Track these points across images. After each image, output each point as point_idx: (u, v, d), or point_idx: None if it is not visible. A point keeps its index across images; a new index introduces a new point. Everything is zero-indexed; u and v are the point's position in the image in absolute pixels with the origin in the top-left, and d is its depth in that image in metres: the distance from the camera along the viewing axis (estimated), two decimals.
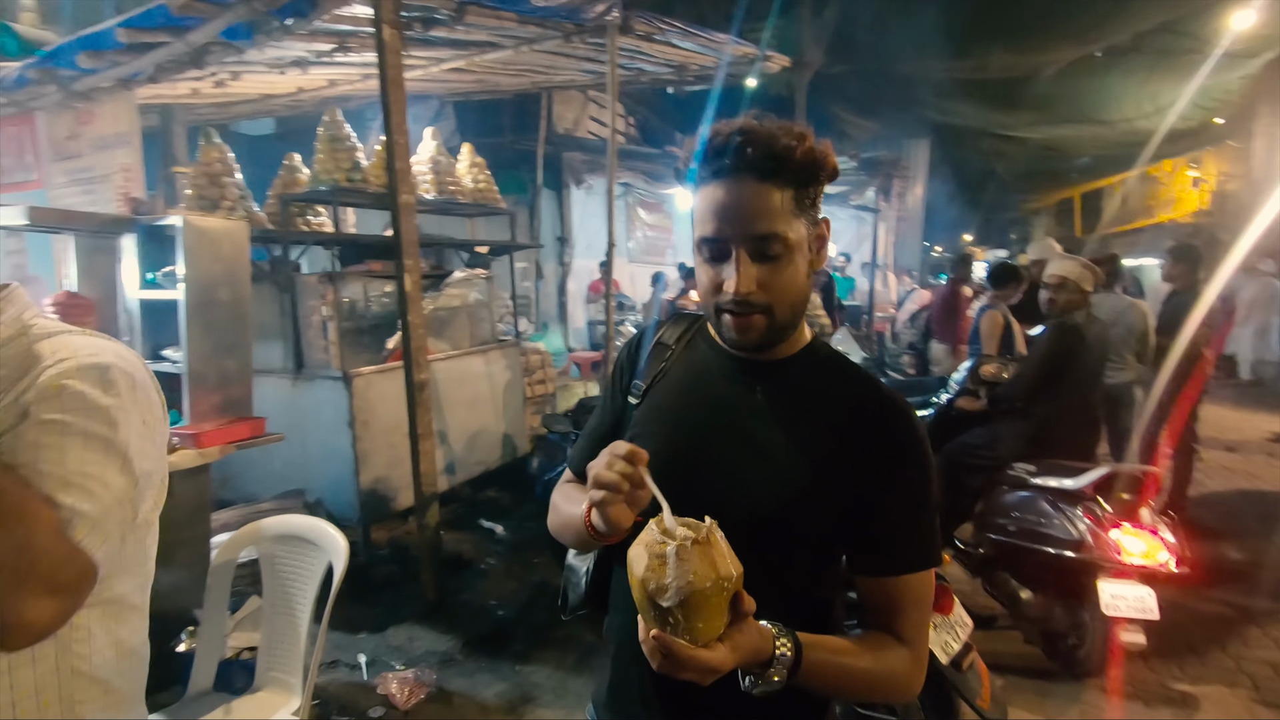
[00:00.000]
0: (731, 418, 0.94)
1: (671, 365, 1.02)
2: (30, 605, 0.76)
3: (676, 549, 0.69)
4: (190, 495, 2.56)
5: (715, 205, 0.86)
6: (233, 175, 3.58)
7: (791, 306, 0.89)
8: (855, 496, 0.87)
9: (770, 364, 0.95)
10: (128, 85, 3.40)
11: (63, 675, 0.91)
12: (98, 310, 2.61)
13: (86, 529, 0.82)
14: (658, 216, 11.06)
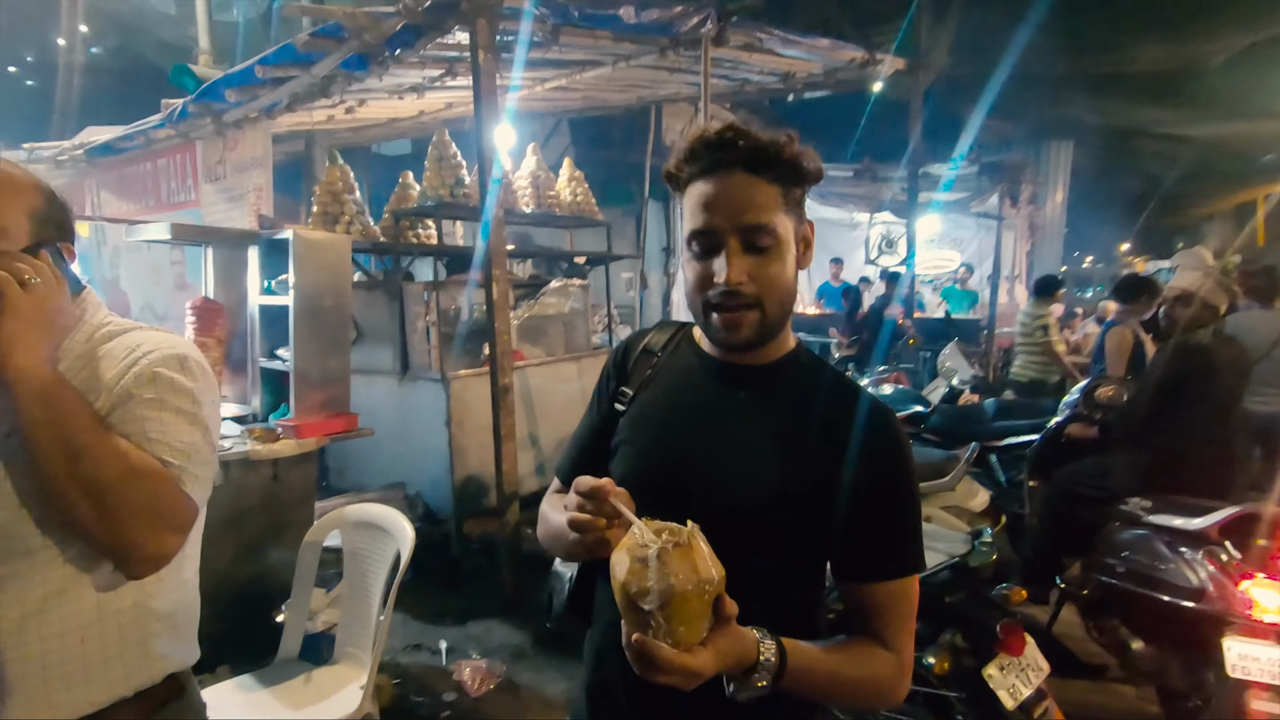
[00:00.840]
0: (716, 422, 0.94)
1: (658, 372, 1.03)
2: (162, 539, 0.97)
3: (658, 552, 0.69)
4: (297, 481, 2.84)
5: (706, 198, 0.87)
6: (352, 192, 3.94)
7: (781, 302, 0.89)
8: (838, 501, 0.87)
9: (755, 369, 0.95)
10: (269, 115, 3.84)
11: (139, 611, 1.05)
12: (228, 314, 2.96)
13: (190, 482, 1.01)
14: None
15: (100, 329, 1.07)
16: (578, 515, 0.79)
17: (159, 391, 1.01)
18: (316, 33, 3.07)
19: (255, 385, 2.95)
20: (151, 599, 1.06)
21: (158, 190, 4.28)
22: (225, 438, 2.63)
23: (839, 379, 0.97)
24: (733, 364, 0.96)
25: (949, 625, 2.01)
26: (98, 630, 1.01)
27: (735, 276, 0.85)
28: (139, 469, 0.94)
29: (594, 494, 0.79)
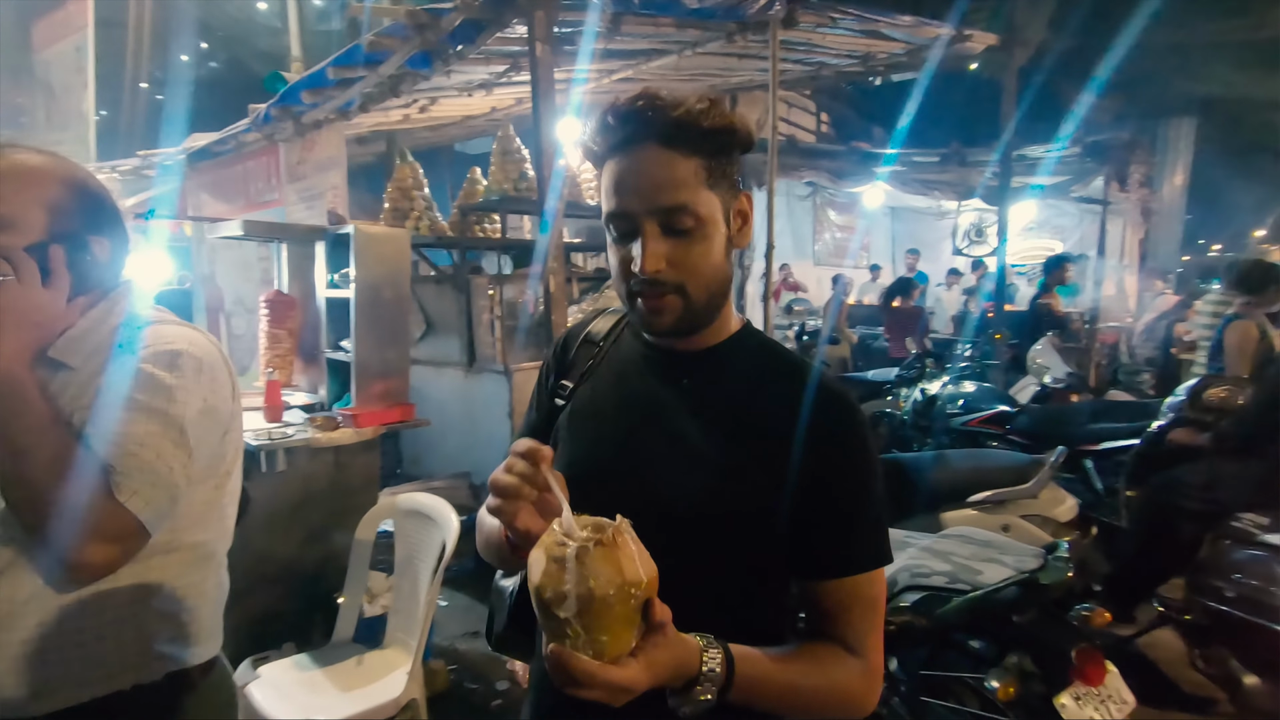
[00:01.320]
0: (657, 413, 0.88)
1: (599, 363, 0.97)
2: (83, 549, 0.91)
3: (576, 551, 0.62)
4: (359, 468, 2.94)
5: (618, 178, 0.80)
6: (421, 189, 4.05)
7: (707, 286, 0.82)
8: (792, 493, 0.81)
9: (696, 354, 0.89)
10: (345, 116, 4.00)
11: (137, 609, 1.05)
12: (300, 306, 3.10)
13: (130, 492, 0.93)
14: (847, 217, 10.51)
15: (127, 322, 1.09)
16: (502, 477, 0.72)
17: (136, 388, 0.99)
18: (381, 32, 3.15)
19: (323, 375, 3.07)
20: (150, 598, 1.06)
21: (247, 190, 4.56)
22: (289, 425, 2.75)
23: (789, 361, 0.90)
24: (673, 351, 0.89)
25: (1016, 647, 1.83)
26: (94, 624, 1.02)
27: (650, 265, 0.79)
28: (73, 476, 0.90)
29: (530, 455, 0.72)
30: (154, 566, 1.07)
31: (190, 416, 1.02)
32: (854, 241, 10.70)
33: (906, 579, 1.99)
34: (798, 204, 9.97)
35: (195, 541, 1.12)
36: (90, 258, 1.04)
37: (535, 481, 0.72)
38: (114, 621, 1.04)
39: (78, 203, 1.02)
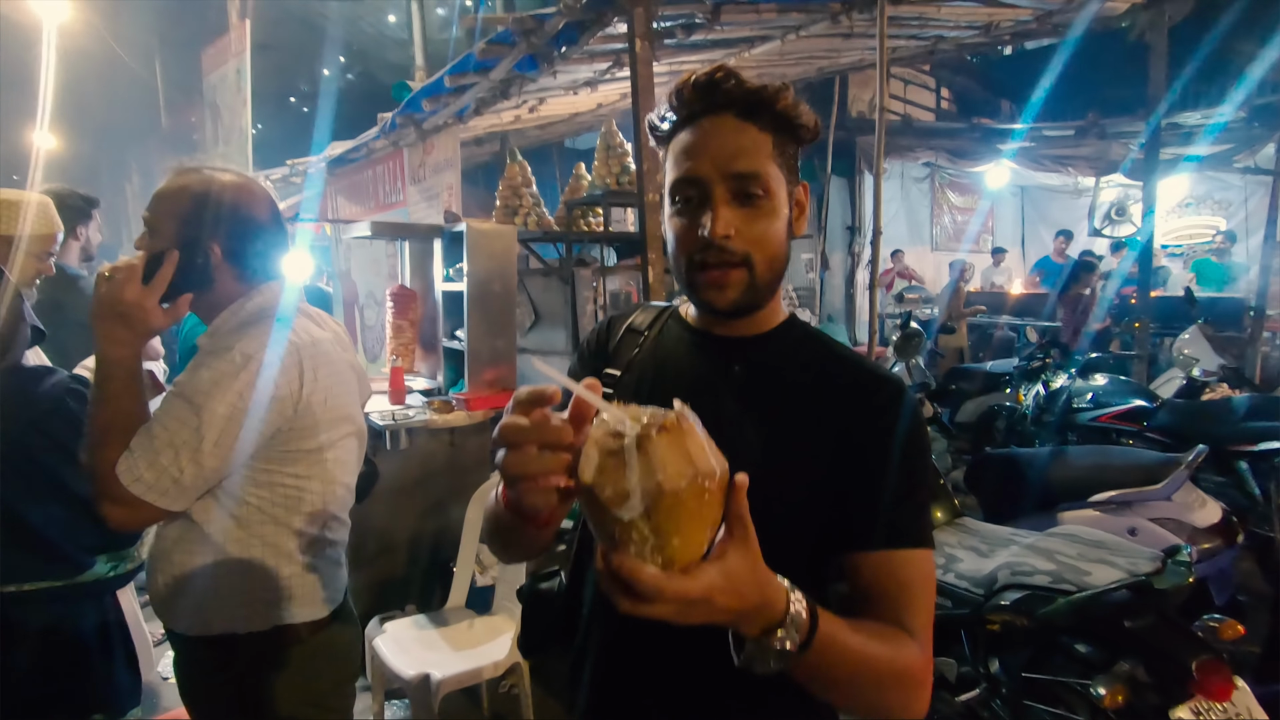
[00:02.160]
0: (707, 397, 0.84)
1: (644, 352, 0.95)
2: (100, 506, 1.14)
3: (638, 439, 0.53)
4: (472, 449, 3.17)
5: (690, 144, 0.81)
6: (530, 186, 4.25)
7: (771, 262, 0.82)
8: (843, 474, 0.81)
9: (746, 340, 0.89)
10: (461, 120, 4.26)
11: (249, 567, 1.23)
12: (421, 299, 3.37)
13: (126, 468, 1.11)
14: (968, 198, 9.89)
15: (254, 316, 1.25)
16: (508, 420, 0.58)
17: (187, 378, 1.16)
18: (491, 40, 3.34)
19: (440, 362, 3.32)
20: (241, 559, 1.23)
21: (376, 193, 4.97)
22: (410, 407, 3.01)
23: (839, 348, 0.90)
24: (722, 336, 0.89)
25: (1128, 654, 1.73)
26: (212, 574, 1.22)
27: (721, 229, 0.78)
28: (110, 444, 1.12)
29: (537, 399, 0.58)
30: (233, 534, 1.24)
31: (220, 413, 1.14)
32: (975, 224, 10.05)
33: (1007, 576, 1.92)
34: (914, 186, 9.51)
35: (264, 517, 1.24)
36: (205, 259, 1.21)
37: (544, 432, 0.57)
38: (221, 574, 1.23)
39: (198, 212, 1.20)
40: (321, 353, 1.27)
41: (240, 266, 1.26)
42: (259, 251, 1.28)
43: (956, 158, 8.09)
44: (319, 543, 1.31)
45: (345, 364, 1.35)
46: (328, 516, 1.32)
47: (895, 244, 8.83)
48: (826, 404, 0.84)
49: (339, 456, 1.32)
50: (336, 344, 1.35)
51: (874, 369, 0.87)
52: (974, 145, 7.96)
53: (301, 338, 1.26)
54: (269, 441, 1.22)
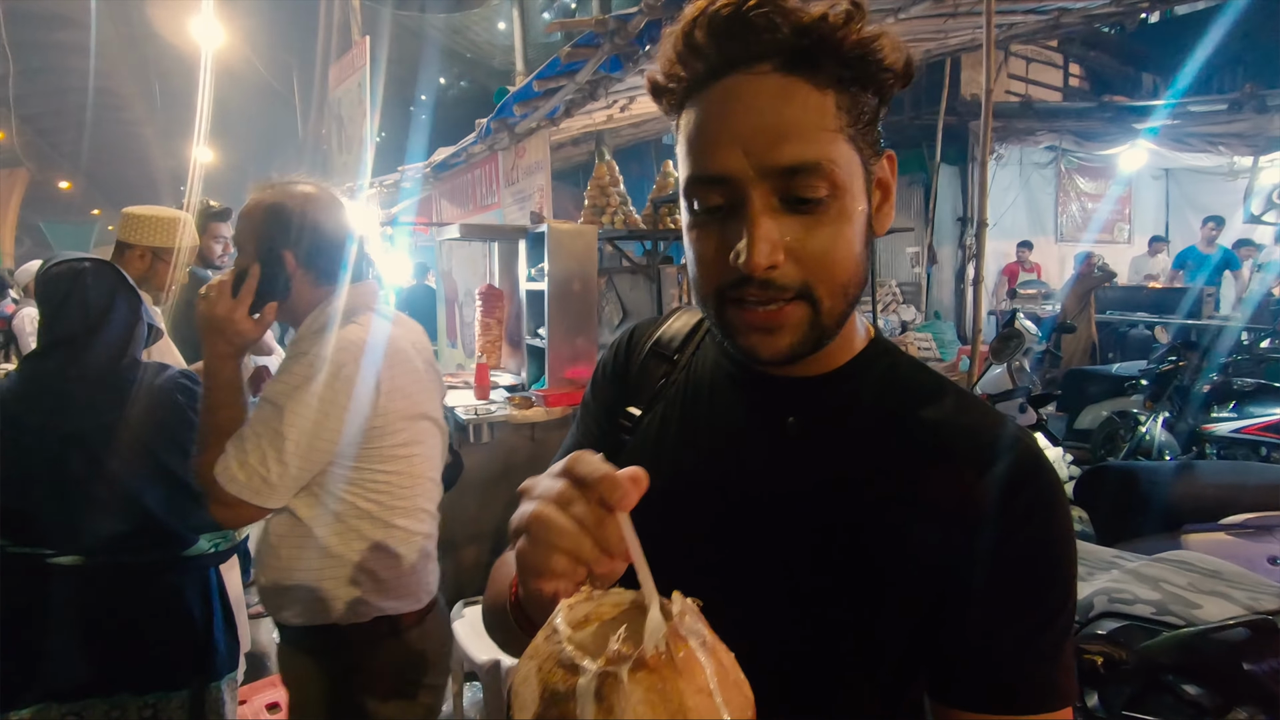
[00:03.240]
0: (747, 464, 0.63)
1: (673, 386, 0.71)
2: (211, 508, 1.22)
3: (598, 684, 0.34)
4: (554, 443, 3.26)
5: (711, 122, 0.55)
6: (617, 185, 4.30)
7: (844, 288, 0.57)
8: (943, 589, 0.57)
9: (808, 383, 0.63)
10: (552, 122, 4.37)
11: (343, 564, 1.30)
12: (507, 298, 3.49)
13: (222, 468, 1.18)
14: (1099, 184, 9.03)
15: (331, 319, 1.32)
16: (551, 513, 0.43)
17: (273, 383, 1.23)
18: (576, 43, 3.41)
19: (525, 359, 3.44)
20: (364, 555, 1.30)
21: (474, 196, 5.20)
22: (494, 403, 3.14)
23: (943, 391, 0.63)
24: (778, 378, 0.64)
25: (1245, 699, 1.52)
26: (316, 569, 1.30)
27: (764, 257, 0.53)
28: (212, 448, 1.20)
29: (605, 487, 0.43)
30: (333, 529, 1.31)
31: (301, 414, 1.20)
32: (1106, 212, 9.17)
33: (1104, 604, 1.74)
34: (1035, 173, 8.80)
35: (359, 513, 1.31)
36: (280, 267, 1.29)
37: (608, 540, 0.43)
38: (323, 569, 1.31)
39: (270, 227, 1.29)
40: (397, 351, 1.32)
41: (315, 271, 1.33)
42: (331, 256, 1.34)
43: (1085, 140, 7.40)
44: (413, 536, 1.36)
45: (422, 362, 1.40)
46: (418, 510, 1.37)
47: (1015, 235, 8.22)
48: (923, 479, 0.59)
49: (424, 452, 1.37)
50: (410, 343, 1.40)
51: (996, 427, 0.61)
52: (1105, 126, 7.25)
53: (377, 338, 1.31)
54: (355, 440, 1.26)
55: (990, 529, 0.56)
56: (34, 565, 1.52)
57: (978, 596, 0.57)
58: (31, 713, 1.52)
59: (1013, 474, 0.57)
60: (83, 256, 1.67)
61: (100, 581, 1.55)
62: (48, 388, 1.55)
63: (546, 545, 0.43)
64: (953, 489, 0.58)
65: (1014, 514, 0.57)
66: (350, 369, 1.23)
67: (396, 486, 1.32)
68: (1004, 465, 0.58)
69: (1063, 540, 0.57)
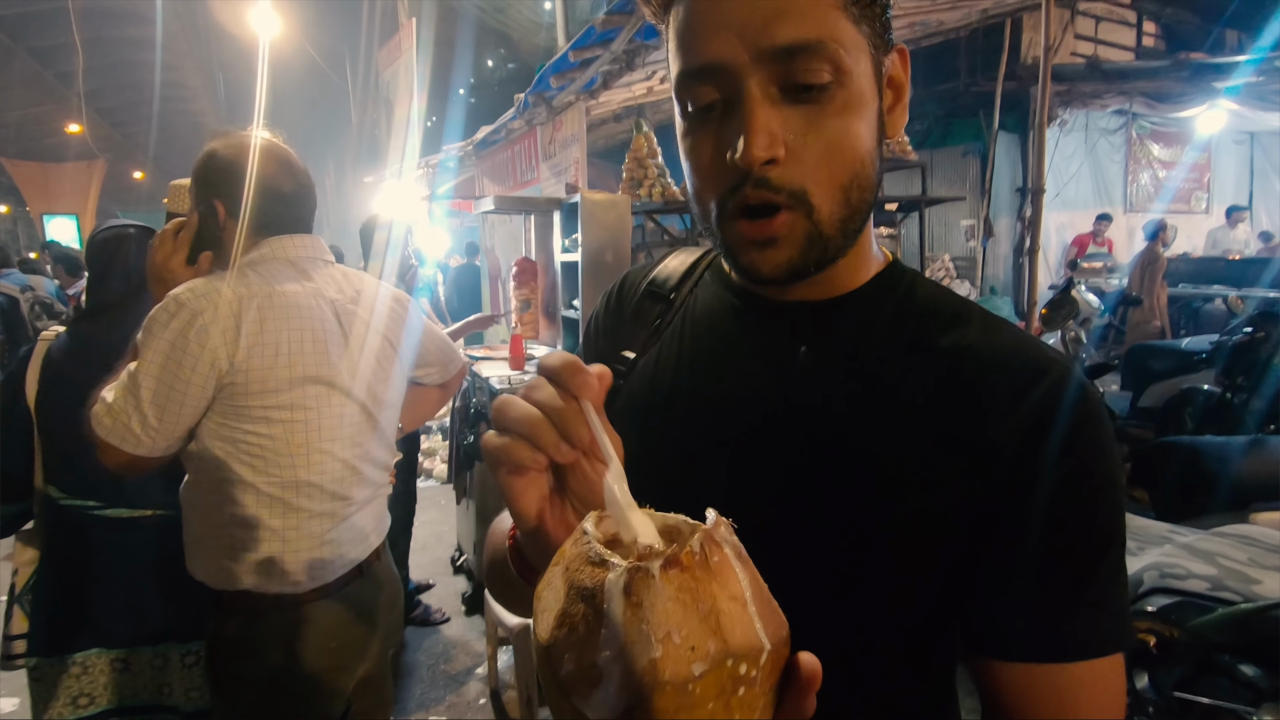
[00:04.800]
0: (764, 403, 0.58)
1: (670, 325, 0.67)
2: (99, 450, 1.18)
3: (626, 579, 0.32)
4: None
5: (701, 7, 0.51)
6: (655, 158, 4.23)
7: (845, 191, 0.52)
8: (979, 528, 0.53)
9: (818, 307, 0.59)
10: (590, 94, 4.34)
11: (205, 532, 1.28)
12: (542, 270, 3.49)
13: (95, 418, 1.16)
14: (1173, 150, 8.47)
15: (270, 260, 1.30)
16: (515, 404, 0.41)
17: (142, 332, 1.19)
18: (610, 10, 3.35)
19: (560, 331, 3.44)
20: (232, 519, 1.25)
21: (514, 172, 5.22)
22: (526, 373, 3.15)
23: (975, 317, 0.58)
24: (782, 303, 0.59)
25: None
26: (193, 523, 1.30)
27: (763, 146, 0.48)
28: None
29: (565, 374, 0.40)
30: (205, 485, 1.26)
31: (151, 361, 1.15)
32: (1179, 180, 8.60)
33: (1154, 579, 1.64)
34: (1102, 139, 8.31)
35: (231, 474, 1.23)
36: (213, 217, 1.28)
37: (567, 425, 0.40)
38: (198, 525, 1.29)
39: (202, 175, 1.28)
40: (277, 306, 1.23)
41: (246, 222, 1.28)
42: (264, 207, 1.29)
43: (1158, 102, 6.94)
44: (293, 512, 1.26)
45: (329, 324, 1.30)
46: (303, 485, 1.26)
47: (1078, 207, 7.80)
48: (950, 407, 0.54)
49: (313, 420, 1.26)
50: (330, 302, 1.31)
51: (1028, 347, 0.55)
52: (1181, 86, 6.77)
53: (253, 289, 1.22)
54: (217, 394, 1.20)
55: (1029, 463, 0.52)
56: (83, 517, 1.59)
57: (1017, 536, 0.52)
58: (82, 658, 1.60)
59: (1052, 402, 0.52)
60: (128, 224, 1.73)
61: (145, 534, 1.60)
62: (95, 348, 1.61)
63: (506, 432, 0.41)
64: (985, 420, 0.53)
65: (1055, 445, 0.51)
66: (206, 319, 1.16)
67: (271, 452, 1.23)
68: (1042, 392, 0.52)
69: (1110, 471, 0.52)
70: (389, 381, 1.43)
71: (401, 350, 1.46)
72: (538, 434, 0.40)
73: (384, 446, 1.45)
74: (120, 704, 1.63)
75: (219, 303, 1.18)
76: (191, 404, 1.19)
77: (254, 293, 1.22)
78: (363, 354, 1.36)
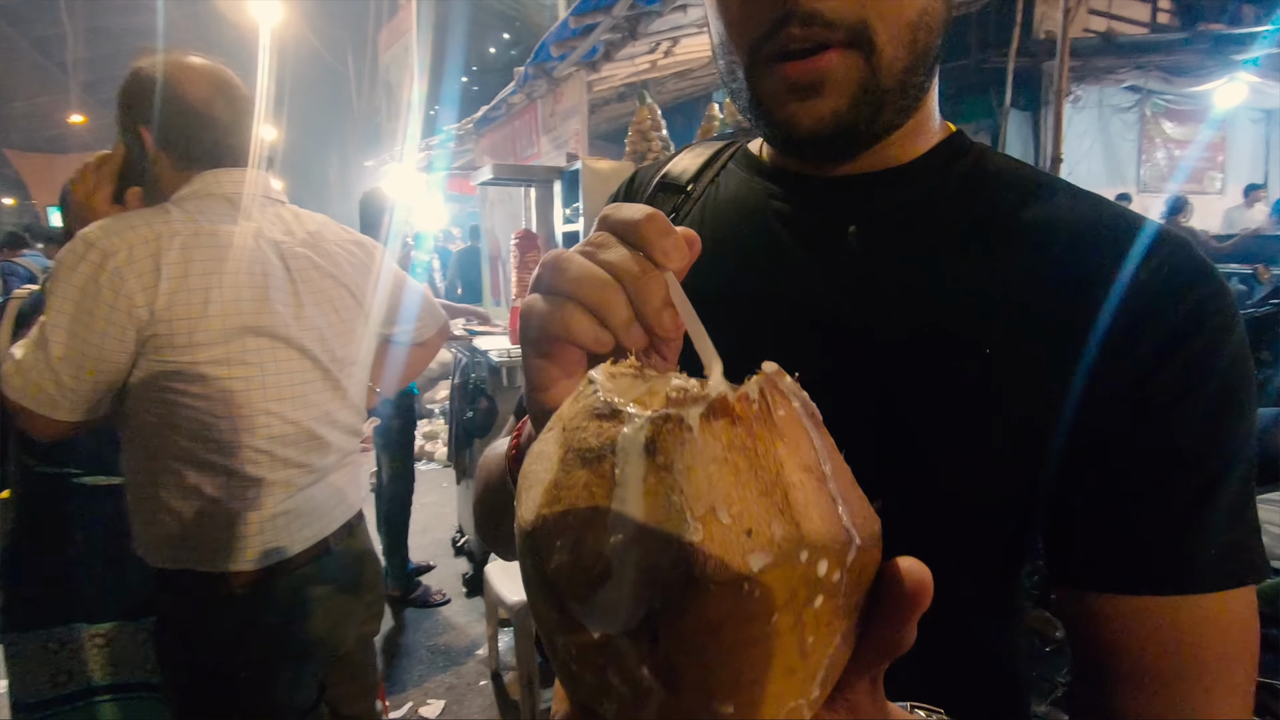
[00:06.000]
0: (803, 291, 0.50)
1: (687, 215, 0.59)
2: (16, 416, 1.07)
3: (650, 431, 0.22)
4: None
5: None
6: (659, 130, 4.13)
7: (911, 30, 0.44)
8: (1077, 425, 0.44)
9: (869, 181, 0.50)
10: (592, 65, 4.23)
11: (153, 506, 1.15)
12: (544, 242, 3.40)
13: (7, 380, 1.02)
14: (1189, 128, 8.30)
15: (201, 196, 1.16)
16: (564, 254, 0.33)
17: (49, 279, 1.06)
18: None
19: None
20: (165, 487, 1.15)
21: (514, 148, 5.11)
22: None
23: (1059, 189, 0.49)
24: (827, 179, 0.51)
25: None
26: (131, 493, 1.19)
27: None
28: None
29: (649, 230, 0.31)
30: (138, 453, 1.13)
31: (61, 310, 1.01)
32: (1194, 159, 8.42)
33: None
34: (1115, 117, 8.14)
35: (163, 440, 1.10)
36: (146, 151, 1.13)
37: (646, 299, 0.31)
38: (134, 495, 1.16)
39: (124, 99, 1.14)
40: (206, 246, 1.08)
41: (176, 152, 1.14)
42: (196, 135, 1.15)
43: (1174, 75, 6.76)
44: (239, 482, 1.13)
45: (273, 268, 1.16)
46: (248, 450, 1.13)
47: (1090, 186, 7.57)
48: (1038, 289, 0.45)
49: (258, 378, 1.13)
50: (275, 245, 1.17)
51: (1132, 217, 0.47)
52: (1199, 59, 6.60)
53: (175, 226, 1.07)
54: (141, 349, 1.06)
55: (1143, 351, 0.43)
56: (60, 485, 1.51)
57: (1129, 442, 0.44)
58: (62, 633, 1.53)
59: (1170, 276, 0.44)
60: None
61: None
62: None
63: (563, 298, 0.31)
64: (1084, 301, 0.44)
65: (1176, 328, 0.43)
66: (120, 260, 1.01)
67: (210, 416, 1.09)
68: (1157, 264, 0.44)
69: (1245, 359, 0.44)
70: (351, 336, 1.29)
71: (367, 302, 1.31)
72: (606, 303, 0.30)
73: (350, 409, 1.31)
74: (104, 682, 1.55)
75: (134, 241, 1.02)
76: (111, 360, 1.04)
77: (176, 230, 1.06)
78: (316, 304, 1.21)
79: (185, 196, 1.13)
